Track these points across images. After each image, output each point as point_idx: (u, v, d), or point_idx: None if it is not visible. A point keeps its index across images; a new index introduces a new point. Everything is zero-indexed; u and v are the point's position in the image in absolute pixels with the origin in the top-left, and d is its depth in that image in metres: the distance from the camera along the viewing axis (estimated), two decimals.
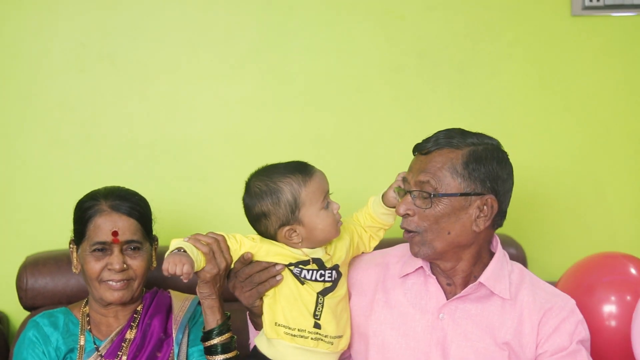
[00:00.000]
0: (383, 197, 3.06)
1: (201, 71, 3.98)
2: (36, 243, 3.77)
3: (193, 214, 3.94)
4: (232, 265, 2.90)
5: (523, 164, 3.98)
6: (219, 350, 2.92)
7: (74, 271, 3.17)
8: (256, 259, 2.88)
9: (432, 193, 2.84)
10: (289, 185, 2.86)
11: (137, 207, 3.13)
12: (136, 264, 3.09)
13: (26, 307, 3.57)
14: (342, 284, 2.98)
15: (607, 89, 4.19)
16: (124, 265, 3.06)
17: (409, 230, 2.91)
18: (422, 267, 2.99)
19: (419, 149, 2.94)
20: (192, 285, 2.97)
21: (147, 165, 3.94)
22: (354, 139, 4.08)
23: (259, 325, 2.99)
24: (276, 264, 2.87)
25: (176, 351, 3.11)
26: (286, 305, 2.88)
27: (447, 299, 2.95)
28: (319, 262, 2.91)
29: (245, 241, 2.88)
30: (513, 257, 3.19)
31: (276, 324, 2.88)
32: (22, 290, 3.53)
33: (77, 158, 3.90)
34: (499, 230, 3.05)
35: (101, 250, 3.06)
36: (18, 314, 3.73)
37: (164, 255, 3.12)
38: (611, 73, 4.19)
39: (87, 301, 3.21)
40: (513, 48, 4.14)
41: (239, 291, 2.93)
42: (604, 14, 4.14)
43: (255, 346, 2.98)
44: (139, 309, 3.18)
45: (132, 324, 3.15)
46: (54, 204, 3.82)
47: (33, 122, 3.89)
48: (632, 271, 3.53)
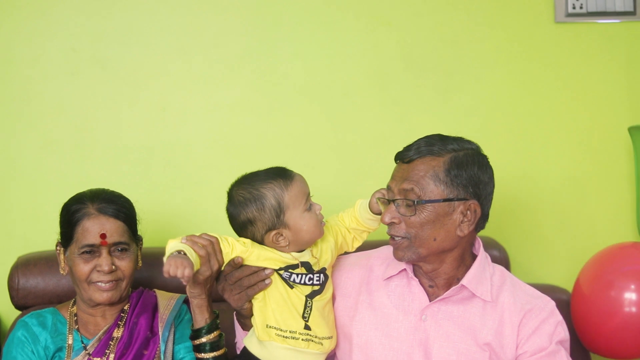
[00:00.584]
0: (369, 204, 3.09)
1: (191, 76, 3.99)
2: (28, 244, 3.79)
3: (183, 216, 3.96)
4: (223, 268, 2.93)
5: (506, 168, 4.05)
6: (207, 348, 2.97)
7: (61, 273, 3.20)
8: (246, 263, 2.91)
9: (416, 200, 2.87)
10: (272, 191, 2.89)
11: (124, 209, 3.16)
12: (124, 264, 3.12)
13: (17, 307, 3.56)
14: (329, 286, 3.01)
15: (589, 94, 4.20)
16: (113, 267, 3.09)
17: (395, 237, 2.93)
18: (405, 269, 3.02)
19: (400, 158, 2.97)
20: (178, 285, 3.00)
21: (137, 168, 3.95)
22: (342, 143, 4.09)
23: (246, 326, 3.03)
24: (265, 268, 2.90)
25: (162, 349, 3.14)
26: (276, 308, 2.91)
27: (430, 301, 2.97)
28: (307, 265, 2.94)
29: (236, 245, 2.90)
30: (496, 260, 3.21)
31: (268, 326, 2.91)
32: (14, 289, 3.53)
33: (69, 160, 3.91)
34: (483, 233, 3.08)
35: (89, 253, 3.08)
36: (9, 313, 3.74)
37: (149, 255, 3.20)
38: (593, 79, 4.20)
39: (75, 301, 3.24)
40: (497, 54, 4.15)
41: (228, 294, 2.97)
42: (586, 20, 4.15)
43: (245, 347, 3.00)
44: (125, 308, 3.21)
45: (119, 322, 3.18)
46: (45, 205, 3.82)
47: (25, 124, 3.90)
48: None
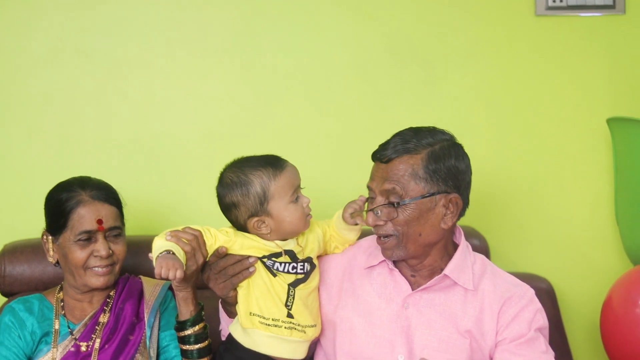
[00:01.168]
0: (342, 217, 3.09)
1: (176, 67, 4.01)
2: (14, 231, 3.79)
3: (168, 205, 3.98)
4: (207, 259, 2.96)
5: (487, 158, 4.09)
6: (192, 340, 3.01)
7: (50, 261, 3.22)
8: (230, 252, 2.94)
9: (396, 203, 2.90)
10: (259, 178, 2.91)
11: (114, 195, 3.20)
12: (119, 248, 3.16)
13: (4, 294, 3.58)
14: (314, 275, 3.03)
15: (569, 86, 4.21)
16: (110, 251, 3.13)
17: (384, 236, 2.96)
18: (385, 260, 3.05)
19: (378, 158, 2.97)
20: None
21: (123, 158, 3.97)
22: (324, 133, 4.10)
23: (232, 314, 3.05)
24: (249, 256, 2.93)
25: (148, 334, 3.17)
26: (260, 296, 2.93)
27: (412, 289, 3.00)
28: (291, 253, 2.96)
29: (219, 236, 2.94)
30: (476, 249, 3.20)
31: (251, 313, 2.93)
32: (1, 277, 3.55)
33: (55, 150, 3.93)
34: (463, 222, 3.12)
35: (86, 239, 3.11)
36: None
37: (135, 243, 3.22)
38: (573, 71, 4.21)
39: (62, 287, 3.26)
40: (479, 46, 4.16)
41: (213, 283, 2.99)
42: (567, 14, 4.16)
43: (230, 334, 3.03)
44: (111, 294, 3.24)
45: (105, 308, 3.20)
46: (31, 194, 3.83)
47: (12, 114, 3.92)
48: None
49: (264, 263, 2.95)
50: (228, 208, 2.97)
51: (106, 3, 3.96)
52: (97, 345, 3.13)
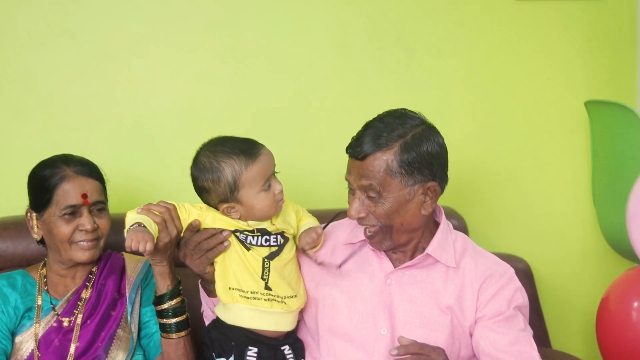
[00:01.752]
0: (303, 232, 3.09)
1: (158, 46, 4.00)
2: None
3: (150, 182, 3.99)
4: (182, 234, 2.97)
5: (466, 139, 4.13)
6: (170, 314, 3.02)
7: (34, 237, 3.23)
8: (203, 226, 2.95)
9: (374, 197, 2.92)
10: (231, 167, 2.90)
11: (97, 170, 3.21)
12: (103, 223, 3.18)
13: None
14: (289, 247, 3.03)
15: (547, 69, 4.26)
16: (95, 225, 3.15)
17: (368, 227, 2.97)
18: (364, 240, 3.07)
19: (353, 155, 2.95)
20: None
21: (105, 136, 3.97)
22: (304, 115, 4.12)
23: (211, 292, 3.06)
24: (223, 230, 2.94)
25: (129, 310, 3.19)
26: (237, 269, 2.94)
27: (395, 267, 3.03)
28: (263, 231, 2.97)
29: (192, 210, 2.95)
30: (455, 229, 3.23)
31: (230, 288, 2.94)
32: None
33: (38, 128, 3.93)
34: (443, 203, 3.15)
35: (71, 214, 3.12)
36: None
37: (117, 220, 3.23)
38: (552, 55, 4.25)
39: (45, 263, 3.27)
40: (459, 30, 4.18)
41: (189, 259, 3.00)
42: None
43: (218, 318, 3.04)
44: (94, 270, 3.25)
45: (87, 284, 3.22)
46: (14, 172, 3.81)
47: None
48: None
49: (237, 237, 2.96)
50: (200, 191, 2.99)
51: None
52: (79, 320, 3.15)
